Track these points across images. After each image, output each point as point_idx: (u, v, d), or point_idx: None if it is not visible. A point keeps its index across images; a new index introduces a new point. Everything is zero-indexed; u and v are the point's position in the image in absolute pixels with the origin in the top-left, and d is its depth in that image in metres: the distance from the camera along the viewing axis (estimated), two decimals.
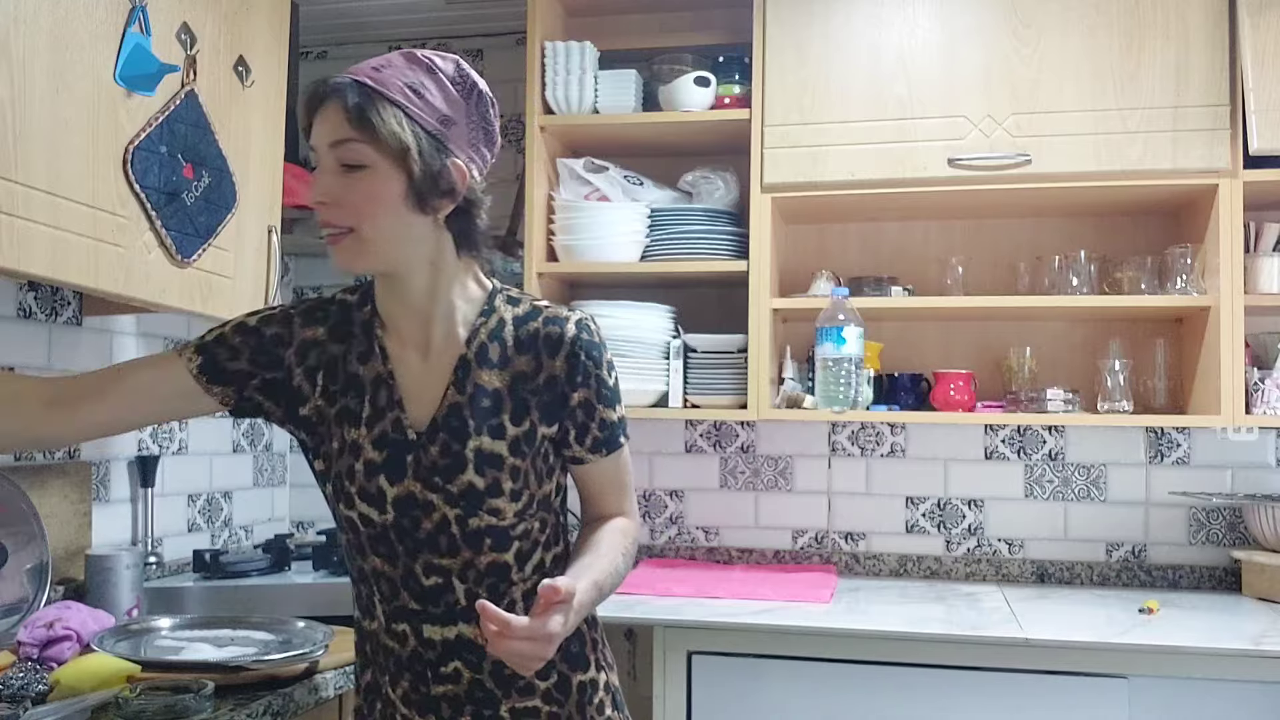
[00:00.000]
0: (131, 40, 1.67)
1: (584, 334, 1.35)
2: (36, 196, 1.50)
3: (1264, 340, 2.48)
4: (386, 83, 1.24)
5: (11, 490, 1.87)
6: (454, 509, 1.31)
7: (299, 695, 1.57)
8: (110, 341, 2.30)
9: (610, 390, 1.37)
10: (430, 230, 1.29)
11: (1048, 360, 2.67)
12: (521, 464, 1.32)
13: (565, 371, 1.33)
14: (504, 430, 1.32)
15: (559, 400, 1.34)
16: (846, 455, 2.83)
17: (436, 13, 2.89)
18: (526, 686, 1.37)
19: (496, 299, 1.37)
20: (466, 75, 1.30)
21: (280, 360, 1.37)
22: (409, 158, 1.23)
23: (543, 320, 1.35)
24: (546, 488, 1.37)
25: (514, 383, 1.33)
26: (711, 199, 2.67)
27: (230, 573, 2.15)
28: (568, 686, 1.39)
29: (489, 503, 1.31)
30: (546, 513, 1.39)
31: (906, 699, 2.13)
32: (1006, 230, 2.74)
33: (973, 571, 2.75)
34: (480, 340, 1.34)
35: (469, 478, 1.30)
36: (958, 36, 2.43)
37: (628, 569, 1.38)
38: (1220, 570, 2.63)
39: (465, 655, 1.35)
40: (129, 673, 1.49)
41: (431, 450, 1.31)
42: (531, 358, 1.34)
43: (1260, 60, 2.27)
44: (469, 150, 1.29)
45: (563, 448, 1.38)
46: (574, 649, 1.40)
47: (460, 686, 1.36)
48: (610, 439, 1.38)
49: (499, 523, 1.32)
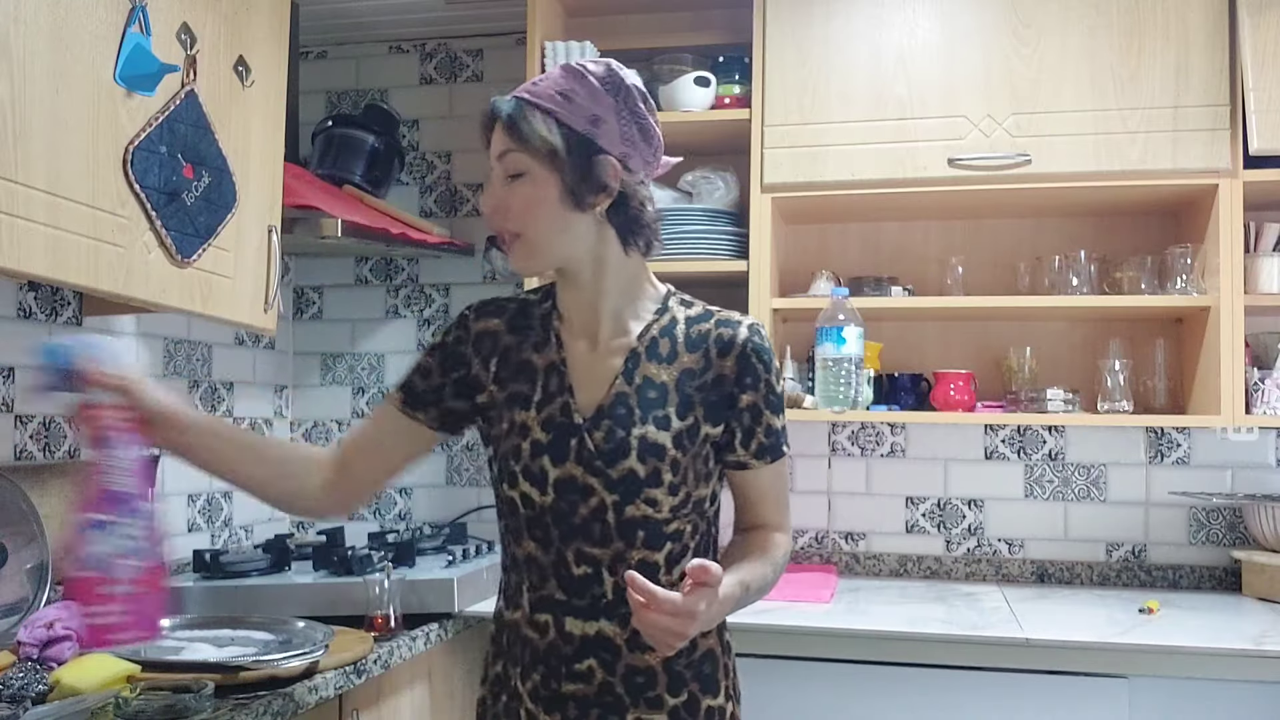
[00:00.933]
0: (131, 40, 1.67)
1: (756, 337, 1.39)
2: (36, 196, 1.50)
3: (1264, 340, 2.48)
4: (539, 93, 1.33)
5: (11, 490, 1.87)
6: (612, 495, 1.34)
7: (299, 695, 1.57)
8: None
9: (777, 398, 1.40)
10: (592, 226, 1.36)
11: (1048, 360, 2.67)
12: (683, 458, 1.35)
13: (735, 373, 1.37)
14: (669, 422, 1.35)
15: (726, 401, 1.37)
16: (846, 455, 2.83)
17: (436, 13, 2.89)
18: (656, 700, 1.36)
19: (671, 299, 1.44)
20: (615, 74, 1.35)
21: (463, 356, 1.46)
22: (558, 158, 1.31)
23: (715, 322, 1.40)
24: (703, 491, 1.39)
25: (681, 378, 1.38)
26: (711, 199, 2.67)
27: (230, 573, 2.15)
28: (696, 709, 1.38)
29: (647, 492, 1.34)
30: (700, 518, 1.40)
31: (906, 699, 2.13)
32: (1006, 230, 2.74)
33: (973, 571, 2.75)
34: (652, 335, 1.40)
35: (631, 464, 1.33)
36: (958, 36, 2.43)
37: (775, 581, 1.40)
38: (1220, 570, 2.63)
39: (602, 654, 1.36)
40: (129, 673, 1.49)
41: (596, 435, 1.35)
42: (701, 355, 1.38)
43: (1260, 60, 2.27)
44: (623, 145, 1.35)
45: (726, 451, 1.39)
46: (707, 670, 1.39)
47: (591, 687, 1.36)
48: (774, 446, 1.40)
49: (654, 514, 1.35)
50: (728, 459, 1.40)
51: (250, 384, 2.86)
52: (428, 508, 3.00)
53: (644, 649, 1.35)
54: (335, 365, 3.07)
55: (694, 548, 1.40)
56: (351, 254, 3.02)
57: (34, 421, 2.08)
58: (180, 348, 2.54)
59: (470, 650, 2.27)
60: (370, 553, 2.19)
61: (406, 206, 2.94)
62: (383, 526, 2.93)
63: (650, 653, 1.35)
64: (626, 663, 1.36)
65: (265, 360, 2.94)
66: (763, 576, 1.37)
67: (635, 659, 1.36)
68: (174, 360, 2.52)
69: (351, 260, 3.07)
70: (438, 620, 2.08)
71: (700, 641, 1.39)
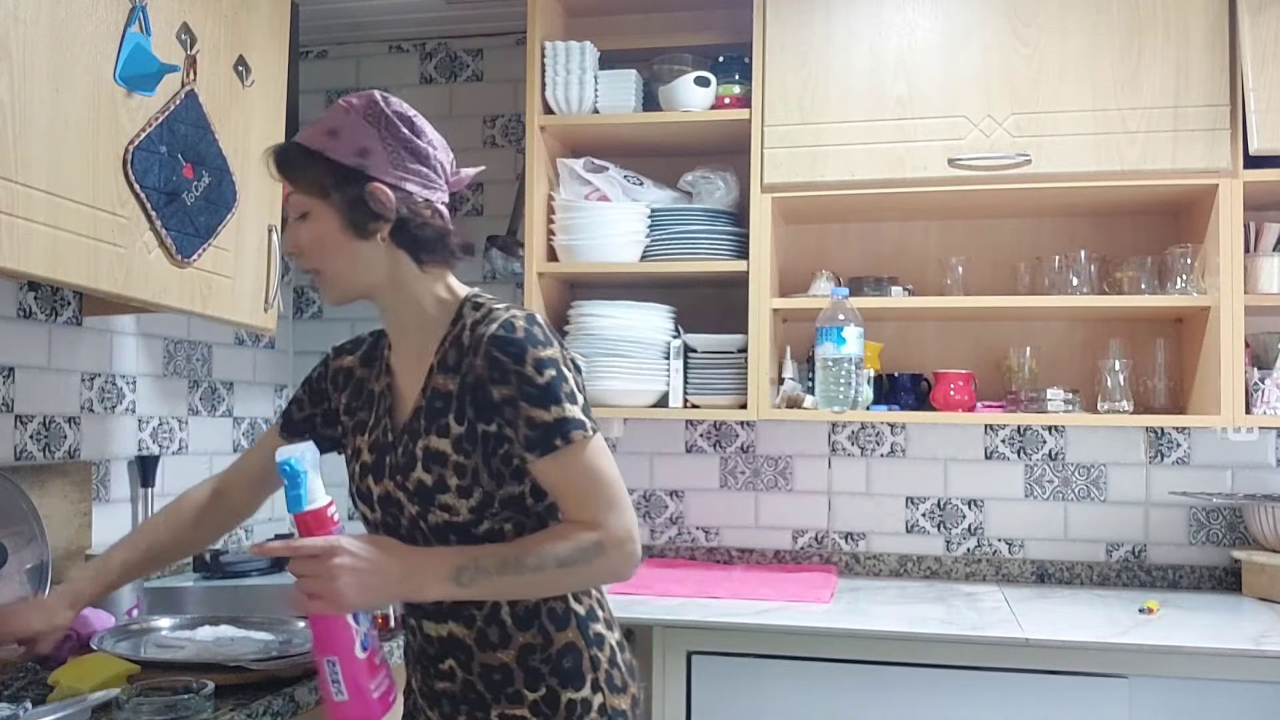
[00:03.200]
0: (131, 40, 1.67)
1: (501, 330, 1.34)
2: (36, 196, 1.50)
3: (1264, 340, 2.48)
4: (309, 135, 1.38)
5: (11, 490, 1.87)
6: (414, 506, 1.39)
7: (299, 695, 1.57)
8: (110, 341, 2.30)
9: (538, 389, 1.32)
10: (381, 252, 1.39)
11: (1048, 360, 2.67)
12: (467, 461, 1.35)
13: (485, 369, 1.35)
14: (448, 429, 1.37)
15: (487, 398, 1.35)
16: (846, 455, 2.83)
17: (436, 13, 2.89)
18: (515, 695, 1.40)
19: (465, 306, 1.43)
20: (376, 104, 1.38)
21: (325, 392, 1.59)
22: (330, 194, 1.36)
23: (485, 322, 1.37)
24: (511, 489, 1.38)
25: (461, 384, 1.38)
26: (711, 199, 2.67)
27: (230, 573, 2.15)
28: (556, 702, 1.40)
29: (439, 498, 1.37)
30: (523, 517, 1.39)
31: (906, 699, 2.13)
32: (1006, 230, 2.74)
33: (973, 571, 2.75)
34: (445, 348, 1.41)
35: (418, 474, 1.38)
36: (958, 36, 2.43)
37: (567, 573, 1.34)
38: (1220, 570, 2.63)
39: (457, 654, 1.42)
40: (129, 672, 1.49)
41: (398, 451, 1.41)
42: (469, 359, 1.37)
43: (1260, 60, 2.27)
44: (394, 170, 1.38)
45: (512, 447, 1.37)
46: (566, 665, 1.41)
47: (455, 685, 1.43)
48: (542, 439, 1.32)
49: (455, 519, 1.37)
50: (513, 454, 1.37)
51: (250, 384, 2.86)
52: None
53: (493, 647, 1.40)
54: None
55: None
56: None
57: (34, 421, 2.09)
58: (180, 348, 2.55)
59: None
60: None
61: None
62: None
63: (501, 650, 1.40)
64: (480, 661, 1.41)
65: (265, 360, 2.94)
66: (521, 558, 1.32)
67: (487, 657, 1.41)
68: (174, 360, 2.53)
69: None
70: None
71: (556, 636, 1.40)
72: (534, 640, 1.40)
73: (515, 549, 1.34)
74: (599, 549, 1.34)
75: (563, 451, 1.33)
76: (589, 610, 1.45)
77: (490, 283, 2.97)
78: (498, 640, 1.40)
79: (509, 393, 1.33)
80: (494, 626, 1.40)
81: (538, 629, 1.40)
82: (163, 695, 1.40)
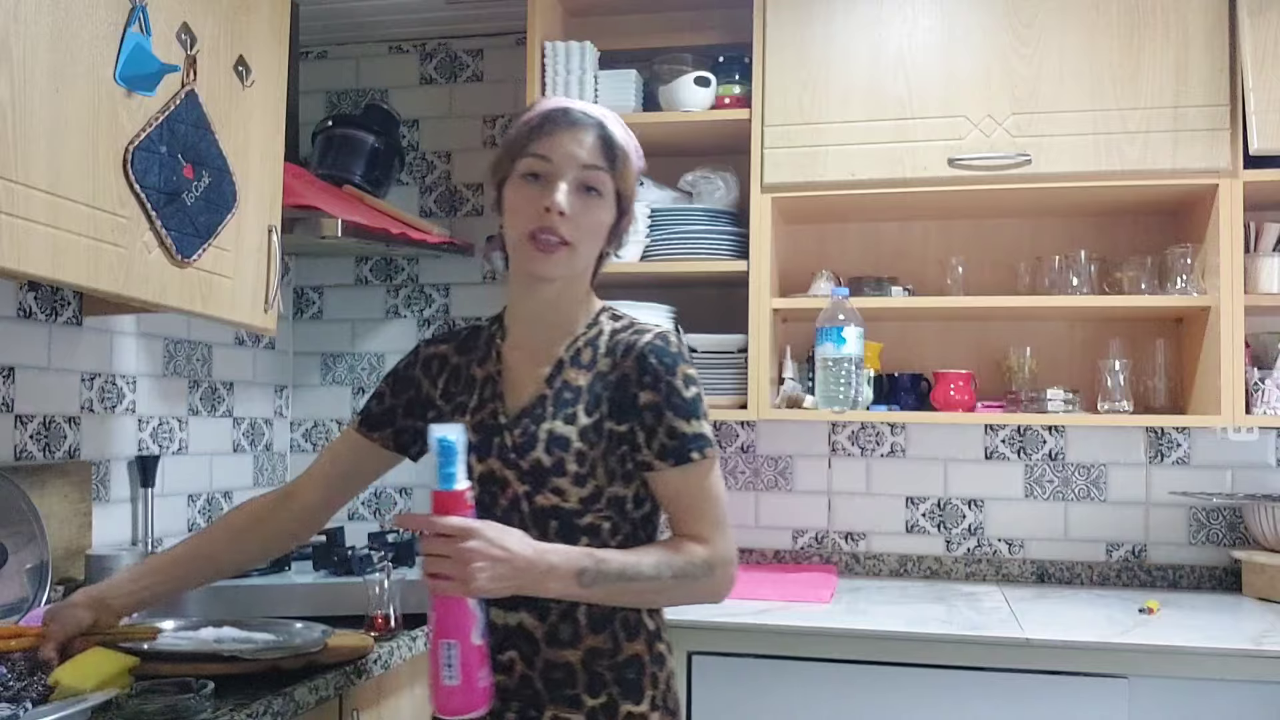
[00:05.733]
0: (131, 40, 1.67)
1: (658, 341, 1.42)
2: (36, 196, 1.50)
3: (1264, 340, 2.48)
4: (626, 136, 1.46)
5: (11, 490, 1.87)
6: (524, 485, 1.41)
7: (299, 695, 1.57)
8: (110, 341, 2.31)
9: (686, 402, 1.39)
10: (595, 258, 1.49)
11: (1048, 360, 2.67)
12: (589, 451, 1.39)
13: (635, 372, 1.40)
14: (575, 418, 1.41)
15: (629, 400, 1.40)
16: (846, 455, 2.83)
17: (436, 13, 2.89)
18: (574, 699, 1.39)
19: (602, 315, 1.50)
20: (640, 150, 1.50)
21: (412, 379, 1.59)
22: (624, 200, 1.46)
23: (630, 331, 1.46)
24: (620, 490, 1.41)
25: (594, 380, 1.43)
26: (711, 199, 2.67)
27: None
28: (614, 713, 1.39)
29: (553, 481, 1.39)
30: (620, 519, 1.42)
31: (906, 699, 2.13)
32: (1006, 230, 2.74)
33: (973, 571, 2.75)
34: (578, 346, 1.47)
35: (538, 454, 1.40)
36: (958, 36, 2.43)
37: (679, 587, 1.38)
38: (1220, 570, 2.63)
39: (521, 645, 1.41)
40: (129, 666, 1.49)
41: (514, 432, 1.43)
42: (610, 360, 1.44)
43: (1260, 60, 2.27)
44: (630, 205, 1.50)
45: (635, 451, 1.41)
46: (630, 675, 1.41)
47: (511, 679, 1.41)
48: (679, 450, 1.39)
49: (563, 504, 1.39)
50: (637, 459, 1.41)
51: (250, 384, 2.86)
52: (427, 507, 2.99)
53: (561, 644, 1.39)
54: (335, 365, 3.07)
55: (614, 547, 1.41)
56: (351, 254, 3.03)
57: (34, 421, 2.09)
58: (180, 348, 2.55)
59: None
60: (370, 553, 2.19)
61: (406, 206, 2.94)
62: (383, 527, 2.93)
63: (569, 649, 1.39)
64: (545, 657, 1.40)
65: (265, 360, 2.94)
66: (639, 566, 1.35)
67: (553, 654, 1.40)
68: (174, 360, 2.53)
69: (351, 260, 3.07)
70: None
71: (626, 645, 1.41)
72: (603, 645, 1.40)
73: (635, 556, 1.37)
74: (708, 567, 1.39)
75: (693, 465, 1.39)
76: (657, 627, 1.47)
77: (490, 283, 2.97)
78: (568, 638, 1.40)
79: (656, 399, 1.39)
80: (567, 623, 1.40)
81: (609, 634, 1.40)
82: (163, 695, 1.40)
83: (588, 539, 1.40)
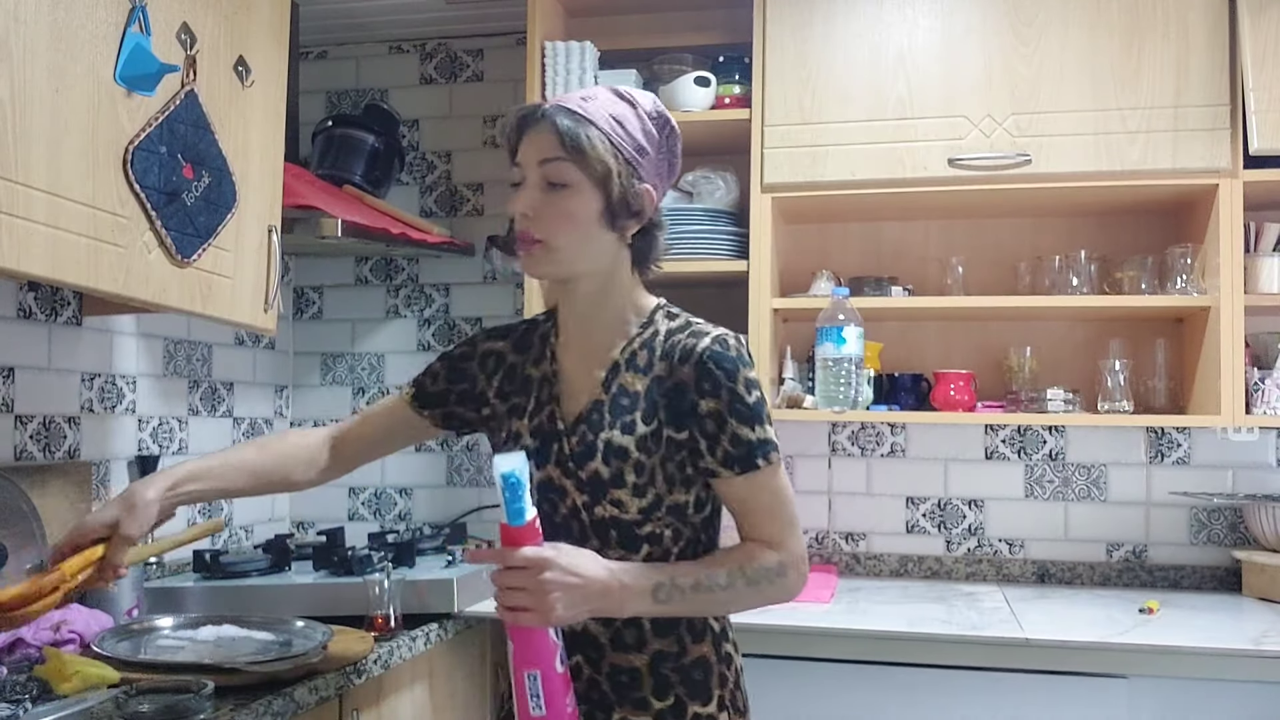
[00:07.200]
0: (131, 40, 1.67)
1: (717, 346, 1.38)
2: (36, 196, 1.50)
3: (1264, 340, 2.48)
4: (593, 112, 1.37)
5: (11, 490, 1.87)
6: (582, 495, 1.39)
7: (299, 695, 1.58)
8: (110, 341, 2.31)
9: (748, 408, 1.37)
10: (613, 246, 1.41)
11: (1048, 360, 2.67)
12: (647, 460, 1.37)
13: (694, 379, 1.37)
14: (634, 427, 1.38)
15: (688, 407, 1.38)
16: (846, 455, 2.83)
17: (436, 13, 2.89)
18: (641, 701, 1.39)
19: (657, 314, 1.46)
20: (662, 112, 1.42)
21: (467, 372, 1.56)
22: (610, 180, 1.36)
23: (688, 333, 1.41)
24: (681, 497, 1.39)
25: (651, 385, 1.40)
26: (711, 199, 2.67)
27: (230, 573, 2.15)
28: (683, 714, 1.39)
29: (612, 493, 1.37)
30: (682, 524, 1.41)
31: (906, 699, 2.13)
32: (1006, 230, 2.74)
33: (973, 571, 2.75)
34: (633, 348, 1.43)
35: (596, 465, 1.38)
36: (958, 36, 2.43)
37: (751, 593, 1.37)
38: (1221, 570, 2.63)
39: (588, 651, 1.41)
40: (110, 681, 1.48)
41: (572, 440, 1.41)
42: (667, 364, 1.40)
43: (1260, 60, 2.27)
44: (655, 179, 1.42)
45: (698, 458, 1.39)
46: (697, 677, 1.40)
47: (579, 683, 1.40)
48: (744, 457, 1.37)
49: (622, 515, 1.38)
50: (699, 465, 1.40)
51: (250, 384, 2.86)
52: (428, 508, 3.00)
53: (627, 649, 1.39)
54: (335, 365, 3.07)
55: (679, 554, 1.40)
56: (351, 254, 3.02)
57: (34, 421, 2.09)
58: (180, 348, 2.55)
59: (470, 650, 2.27)
60: (370, 553, 2.19)
61: (406, 206, 2.94)
62: (383, 527, 2.93)
63: (634, 653, 1.38)
64: (610, 661, 1.40)
65: (265, 360, 2.94)
66: (713, 577, 1.35)
67: (619, 658, 1.39)
68: (174, 360, 2.53)
69: (351, 260, 3.07)
70: (438, 620, 2.08)
71: (692, 647, 1.40)
72: (669, 648, 1.39)
73: (706, 567, 1.36)
74: (781, 569, 1.39)
75: (760, 471, 1.38)
76: (723, 628, 1.46)
77: (490, 283, 2.97)
78: (633, 642, 1.39)
79: (717, 407, 1.36)
80: (632, 629, 1.39)
81: (674, 638, 1.40)
82: (163, 695, 1.40)
83: (649, 547, 1.39)
